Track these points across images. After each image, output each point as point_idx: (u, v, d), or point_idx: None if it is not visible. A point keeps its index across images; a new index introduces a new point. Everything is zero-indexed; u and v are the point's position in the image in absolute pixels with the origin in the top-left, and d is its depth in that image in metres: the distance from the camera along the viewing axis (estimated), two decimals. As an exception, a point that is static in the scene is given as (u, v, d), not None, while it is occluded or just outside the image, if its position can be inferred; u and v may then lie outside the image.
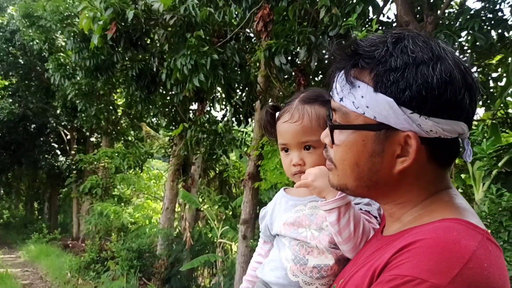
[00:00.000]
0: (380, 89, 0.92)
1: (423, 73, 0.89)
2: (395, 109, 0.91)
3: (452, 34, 4.90)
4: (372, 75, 0.93)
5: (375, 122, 0.93)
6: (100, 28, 6.29)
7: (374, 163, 0.96)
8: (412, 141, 0.92)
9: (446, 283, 0.76)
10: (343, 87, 0.97)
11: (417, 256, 0.82)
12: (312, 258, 1.31)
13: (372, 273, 0.89)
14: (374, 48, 0.94)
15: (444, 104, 0.90)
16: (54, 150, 19.93)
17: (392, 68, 0.91)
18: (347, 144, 0.98)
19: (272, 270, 1.39)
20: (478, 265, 0.79)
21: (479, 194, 4.82)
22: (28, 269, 13.65)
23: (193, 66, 5.97)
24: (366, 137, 0.95)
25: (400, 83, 0.90)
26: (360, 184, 1.00)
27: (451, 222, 0.89)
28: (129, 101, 12.82)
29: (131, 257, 10.10)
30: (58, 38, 14.37)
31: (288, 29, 5.89)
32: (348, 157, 0.99)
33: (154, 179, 18.10)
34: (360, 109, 0.94)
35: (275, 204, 1.51)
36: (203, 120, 9.08)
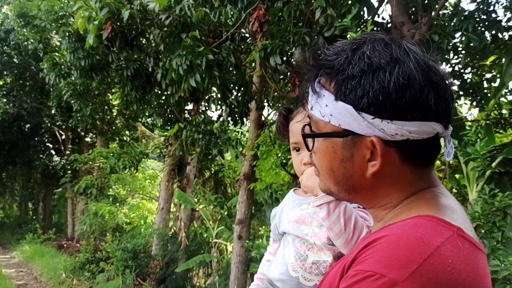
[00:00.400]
0: (340, 98, 0.94)
1: (379, 79, 0.90)
2: (355, 116, 0.92)
3: (446, 35, 4.93)
4: (333, 84, 0.96)
5: (341, 129, 0.96)
6: (96, 28, 6.28)
7: (346, 168, 0.98)
8: (377, 146, 0.93)
9: (404, 278, 0.77)
10: (312, 97, 1.00)
11: (379, 251, 0.83)
12: (311, 254, 1.34)
13: (342, 269, 0.91)
14: (335, 57, 0.96)
15: (404, 107, 0.91)
16: (49, 150, 19.86)
17: (349, 76, 0.93)
18: (321, 151, 1.02)
19: (276, 267, 1.43)
20: (440, 261, 0.79)
21: (473, 194, 4.85)
22: (22, 270, 13.59)
23: (188, 66, 5.97)
24: (335, 144, 0.98)
25: (358, 90, 0.92)
26: (340, 189, 1.02)
27: (422, 218, 0.89)
28: (124, 101, 12.80)
29: (126, 258, 10.09)
30: (53, 38, 14.34)
31: (284, 30, 5.90)
32: (324, 164, 1.02)
33: (149, 179, 18.07)
34: (326, 118, 0.97)
35: (284, 204, 1.57)
36: (199, 120, 9.07)
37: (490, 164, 4.13)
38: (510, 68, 5.68)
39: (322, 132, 1.00)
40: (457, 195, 6.18)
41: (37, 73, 16.32)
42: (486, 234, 3.18)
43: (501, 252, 3.00)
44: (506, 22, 6.00)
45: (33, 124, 18.28)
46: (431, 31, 4.99)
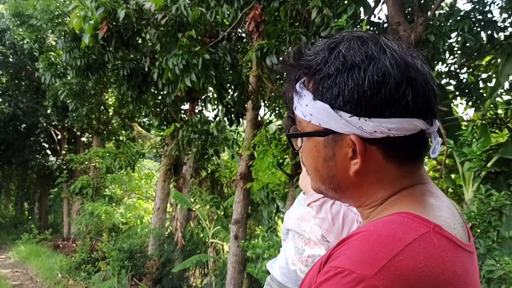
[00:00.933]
0: (317, 97, 0.95)
1: (354, 77, 0.91)
2: (332, 115, 0.93)
3: (442, 35, 4.94)
4: (311, 84, 0.96)
5: (321, 128, 0.96)
6: (91, 27, 6.26)
7: (329, 167, 0.98)
8: (357, 143, 0.93)
9: (372, 274, 0.76)
10: (294, 97, 1.01)
11: (350, 248, 0.83)
12: (308, 248, 1.40)
13: (320, 265, 0.91)
14: (314, 57, 0.96)
15: (380, 104, 0.91)
16: (45, 150, 19.79)
17: (326, 75, 0.93)
18: (306, 151, 1.03)
19: (278, 262, 1.50)
20: (410, 257, 0.79)
21: (469, 194, 4.86)
22: (18, 270, 13.55)
23: (184, 66, 5.96)
24: (318, 143, 0.98)
25: (334, 89, 0.92)
26: (327, 187, 1.03)
27: (398, 215, 0.89)
28: (120, 101, 12.78)
29: (122, 258, 10.07)
30: (48, 37, 14.30)
31: (280, 30, 5.90)
32: (309, 163, 1.02)
33: (145, 179, 18.05)
34: (307, 117, 0.97)
35: (294, 204, 1.63)
36: (195, 120, 9.07)
37: (486, 164, 4.14)
38: (505, 68, 5.70)
39: (303, 132, 1.01)
40: (453, 195, 6.20)
41: (33, 72, 16.24)
42: (482, 233, 3.19)
43: (497, 253, 3.00)
44: (502, 22, 6.02)
45: (29, 124, 18.21)
46: (427, 31, 5.00)
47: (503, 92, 6.93)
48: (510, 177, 4.97)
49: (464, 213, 3.28)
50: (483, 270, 2.82)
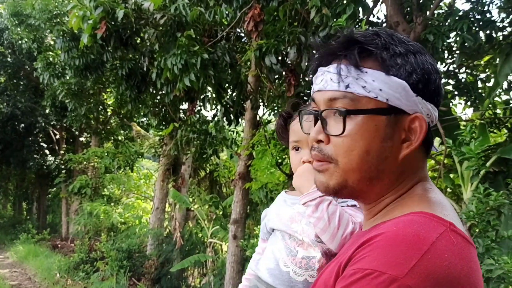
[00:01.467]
0: (391, 72, 0.95)
1: (421, 60, 0.96)
2: (407, 91, 0.94)
3: (441, 35, 4.94)
4: (379, 60, 0.96)
5: (386, 105, 0.95)
6: (90, 27, 6.25)
7: (384, 149, 0.96)
8: (422, 123, 0.95)
9: (403, 274, 0.77)
10: (348, 74, 0.96)
11: (377, 249, 0.83)
12: (301, 250, 1.38)
13: (338, 268, 0.91)
14: (372, 38, 0.98)
15: (436, 90, 0.97)
16: (43, 150, 19.74)
17: (396, 54, 0.95)
18: (358, 131, 0.96)
19: (265, 263, 1.46)
20: (437, 256, 0.80)
21: (468, 193, 4.87)
22: (16, 270, 13.52)
23: (183, 66, 5.96)
24: (379, 121, 0.95)
25: (407, 67, 0.95)
26: (364, 176, 0.98)
27: (415, 215, 0.90)
28: (119, 101, 12.76)
29: (121, 257, 10.06)
30: (47, 37, 14.26)
31: (279, 29, 5.89)
32: (359, 145, 0.96)
33: (144, 178, 18.03)
34: (372, 93, 0.94)
35: (274, 203, 1.60)
36: (194, 119, 9.07)
37: (484, 163, 4.15)
38: (504, 68, 5.71)
39: (372, 108, 0.95)
40: (451, 195, 6.21)
41: (31, 72, 16.22)
42: (481, 233, 3.19)
43: (495, 252, 3.01)
44: (501, 22, 6.03)
45: (27, 124, 18.18)
46: (426, 31, 5.01)
47: (502, 92, 6.94)
48: (509, 176, 4.97)
49: (463, 212, 3.28)
50: (482, 270, 2.82)
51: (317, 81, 1.04)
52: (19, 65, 17.42)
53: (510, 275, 2.72)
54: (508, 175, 5.18)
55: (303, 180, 1.38)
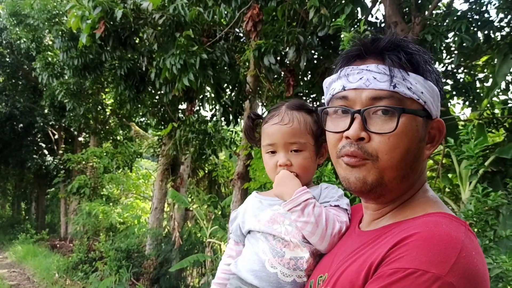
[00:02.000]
0: (428, 78, 1.00)
1: (435, 68, 1.03)
2: (437, 96, 1.01)
3: (439, 35, 4.95)
4: (418, 65, 1.00)
5: (422, 108, 1.00)
6: (89, 27, 6.25)
7: (420, 149, 1.02)
8: (441, 127, 1.03)
9: (445, 272, 0.81)
10: (396, 74, 0.99)
11: (415, 249, 0.86)
12: (288, 251, 1.36)
13: (368, 268, 0.92)
14: (407, 42, 1.03)
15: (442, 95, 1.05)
16: (42, 150, 19.72)
17: (425, 60, 1.01)
18: (404, 130, 0.98)
19: (248, 265, 1.43)
20: (469, 254, 0.85)
21: (466, 193, 4.88)
22: (15, 270, 13.51)
23: (182, 66, 5.95)
24: (419, 123, 1.00)
25: (434, 74, 1.01)
26: (399, 175, 1.01)
27: (436, 216, 0.95)
28: (117, 101, 12.75)
29: (119, 257, 10.04)
30: (45, 37, 14.24)
31: (277, 29, 5.90)
32: (402, 144, 0.98)
33: (142, 178, 18.02)
34: (415, 95, 0.99)
35: (247, 205, 1.57)
36: (192, 119, 9.06)
37: (483, 163, 4.16)
38: (502, 68, 5.72)
39: (416, 109, 0.99)
40: (450, 194, 6.22)
41: (30, 72, 16.21)
42: (479, 232, 3.20)
43: (494, 252, 3.01)
44: (499, 22, 6.04)
45: (26, 124, 18.16)
46: (424, 31, 5.01)
47: (500, 92, 6.95)
48: (507, 176, 4.98)
49: (462, 211, 3.29)
50: (480, 269, 2.83)
51: (351, 79, 1.03)
52: (18, 65, 17.40)
53: (509, 274, 2.73)
54: (506, 175, 5.19)
55: (282, 187, 1.38)
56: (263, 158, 1.53)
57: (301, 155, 1.43)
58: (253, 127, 1.59)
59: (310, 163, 1.43)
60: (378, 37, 1.04)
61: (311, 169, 1.46)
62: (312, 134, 1.43)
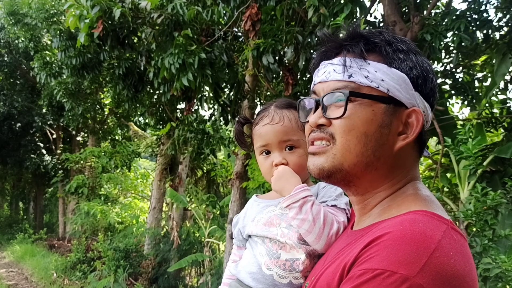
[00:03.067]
0: (393, 65, 1.00)
1: (421, 59, 1.01)
2: (407, 83, 0.99)
3: (438, 35, 4.94)
4: (383, 53, 1.01)
5: (387, 95, 0.99)
6: (87, 26, 6.23)
7: (382, 135, 1.00)
8: (418, 117, 0.99)
9: (415, 273, 0.78)
10: (352, 64, 1.01)
11: (385, 249, 0.84)
12: (284, 253, 1.36)
13: (342, 269, 0.91)
14: (376, 34, 1.03)
15: (432, 89, 1.02)
16: (40, 149, 19.68)
17: (398, 49, 1.01)
18: (357, 114, 1.00)
19: (247, 267, 1.44)
20: (444, 254, 0.81)
21: (465, 193, 4.88)
22: (13, 270, 13.49)
23: (180, 65, 5.94)
24: (377, 108, 1.00)
25: (408, 62, 1.00)
26: (360, 161, 1.01)
27: (416, 214, 0.92)
28: (116, 100, 12.73)
29: (118, 257, 10.03)
30: (43, 36, 14.21)
31: (276, 29, 5.89)
32: (357, 126, 1.00)
33: (141, 178, 18.00)
34: (374, 83, 0.99)
35: (247, 209, 1.57)
36: (191, 119, 9.05)
37: (482, 163, 4.16)
38: (501, 67, 5.72)
39: (372, 94, 1.00)
40: (448, 194, 6.22)
41: (28, 71, 16.16)
42: (478, 232, 3.20)
43: (493, 252, 3.01)
44: (497, 22, 6.04)
45: (24, 123, 18.13)
46: (423, 31, 5.01)
47: (499, 92, 6.96)
48: (506, 176, 4.99)
49: (461, 211, 3.29)
50: (480, 269, 2.83)
51: (319, 74, 1.08)
52: (16, 65, 17.37)
53: (508, 274, 2.73)
54: (505, 174, 5.19)
55: (283, 182, 1.38)
56: (257, 160, 1.52)
57: (296, 152, 1.43)
58: (243, 131, 1.60)
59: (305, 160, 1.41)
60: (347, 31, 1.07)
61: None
62: (304, 130, 1.43)
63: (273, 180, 1.41)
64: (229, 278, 1.57)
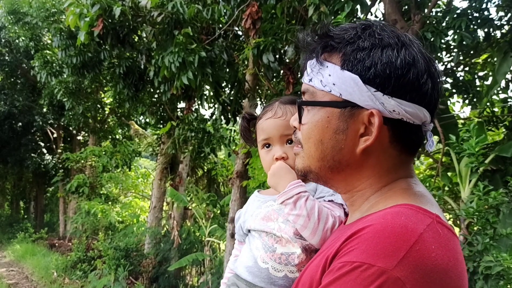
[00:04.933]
0: (346, 67, 0.97)
1: (388, 54, 0.95)
2: (359, 85, 0.95)
3: (439, 33, 4.93)
4: (340, 55, 0.98)
5: (341, 99, 0.97)
6: (87, 24, 6.23)
7: (338, 140, 0.99)
8: (376, 119, 0.95)
9: (393, 266, 0.77)
10: (313, 68, 1.02)
11: (365, 242, 0.83)
12: (279, 246, 1.37)
13: (325, 262, 0.90)
14: (344, 32, 1.00)
15: (406, 85, 0.95)
16: (40, 149, 19.66)
17: (359, 48, 0.96)
18: (313, 121, 1.02)
19: (244, 261, 1.45)
20: (424, 247, 0.80)
21: (466, 192, 4.86)
22: (13, 269, 13.49)
23: (181, 64, 5.94)
24: (331, 114, 0.99)
25: (366, 61, 0.95)
26: (323, 165, 1.03)
27: (401, 207, 0.91)
28: (116, 99, 12.73)
29: (118, 256, 10.03)
30: (44, 35, 14.22)
31: (276, 27, 5.88)
32: (314, 134, 1.02)
33: (141, 177, 18.01)
34: (327, 87, 0.99)
35: (248, 205, 1.59)
36: (191, 118, 9.05)
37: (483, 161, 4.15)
38: (502, 66, 5.71)
39: (321, 101, 1.00)
40: (449, 193, 6.20)
41: (29, 71, 16.17)
42: (479, 230, 3.19)
43: (494, 251, 3.00)
44: (499, 20, 6.03)
45: (25, 123, 18.11)
46: (424, 29, 5.00)
47: (500, 90, 6.94)
48: (507, 175, 4.97)
49: (462, 209, 3.27)
50: (481, 267, 2.81)
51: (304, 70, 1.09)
52: (17, 64, 17.37)
53: (509, 271, 2.71)
54: (506, 173, 5.18)
55: (277, 178, 1.39)
56: (259, 154, 1.54)
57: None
58: (248, 127, 1.61)
59: None
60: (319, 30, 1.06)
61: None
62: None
63: (268, 176, 1.43)
64: (229, 272, 1.58)
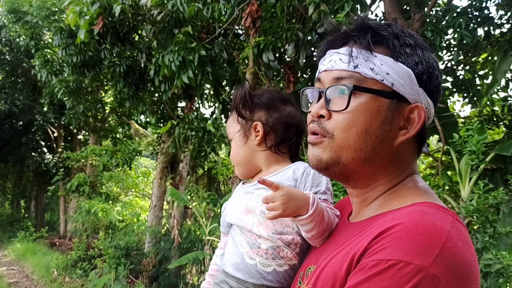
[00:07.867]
0: (399, 59, 0.99)
1: (427, 54, 0.99)
2: (412, 79, 0.98)
3: (439, 32, 4.93)
4: (390, 47, 1.00)
5: (391, 90, 0.98)
6: (87, 23, 6.23)
7: (383, 131, 0.99)
8: (421, 113, 0.98)
9: (429, 263, 0.79)
10: (358, 55, 1.00)
11: (398, 240, 0.83)
12: (263, 241, 1.36)
13: (351, 259, 0.90)
14: (385, 26, 1.02)
15: (437, 86, 1.00)
16: (41, 148, 19.67)
17: (406, 44, 0.99)
18: (361, 109, 0.99)
19: (230, 258, 1.43)
20: (454, 244, 0.82)
21: (465, 190, 4.86)
22: (14, 268, 13.50)
23: (181, 63, 5.94)
24: (382, 103, 0.99)
25: (414, 57, 0.98)
26: (358, 156, 1.01)
27: (422, 205, 0.93)
28: (117, 99, 12.73)
29: (118, 255, 10.03)
30: (44, 34, 14.21)
31: (276, 26, 5.87)
32: (359, 123, 0.99)
33: (142, 176, 18.00)
34: (379, 76, 0.98)
35: (232, 196, 1.58)
36: (192, 117, 9.04)
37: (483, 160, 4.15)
38: (502, 65, 5.71)
39: (377, 89, 0.99)
40: (449, 192, 6.20)
41: (29, 70, 16.16)
42: (479, 229, 3.19)
43: (494, 250, 3.00)
44: (499, 19, 6.02)
45: (25, 122, 18.11)
46: (424, 28, 5.00)
47: (500, 89, 6.94)
48: (507, 173, 4.98)
49: (463, 207, 3.27)
50: (481, 265, 2.81)
51: (325, 62, 1.07)
52: (17, 63, 17.37)
53: (509, 269, 2.71)
54: (506, 172, 5.18)
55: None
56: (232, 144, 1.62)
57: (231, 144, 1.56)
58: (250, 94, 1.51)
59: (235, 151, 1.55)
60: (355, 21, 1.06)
61: (239, 155, 1.53)
62: (237, 122, 1.53)
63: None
64: (216, 270, 1.57)
